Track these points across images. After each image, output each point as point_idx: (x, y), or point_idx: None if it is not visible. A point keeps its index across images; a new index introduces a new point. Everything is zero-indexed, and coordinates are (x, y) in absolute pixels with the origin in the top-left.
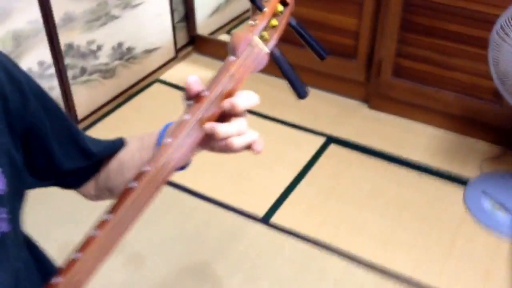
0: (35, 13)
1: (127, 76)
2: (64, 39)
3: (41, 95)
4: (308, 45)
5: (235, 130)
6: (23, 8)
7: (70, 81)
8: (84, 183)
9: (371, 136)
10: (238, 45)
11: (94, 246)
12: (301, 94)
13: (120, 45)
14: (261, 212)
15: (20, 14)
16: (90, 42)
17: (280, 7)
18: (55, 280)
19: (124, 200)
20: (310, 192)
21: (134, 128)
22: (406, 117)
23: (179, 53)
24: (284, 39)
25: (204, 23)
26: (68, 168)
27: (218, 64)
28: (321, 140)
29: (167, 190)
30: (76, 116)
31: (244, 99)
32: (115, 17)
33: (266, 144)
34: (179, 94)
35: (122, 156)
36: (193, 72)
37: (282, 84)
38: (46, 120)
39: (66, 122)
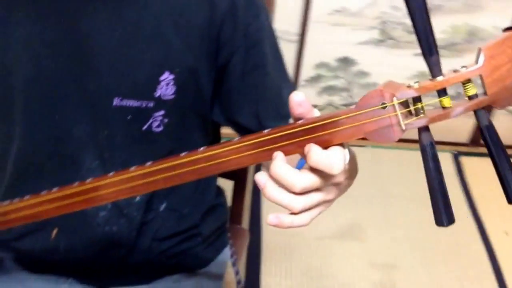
0: None
1: None
2: None
3: (254, 47)
4: (496, 171)
5: (282, 178)
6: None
7: None
8: None
9: None
10: (368, 95)
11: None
12: (437, 219)
13: None
14: None
15: (490, 12)
16: None
17: (473, 90)
18: None
19: (167, 160)
20: None
21: None
22: None
23: None
24: None
25: None
26: (238, 121)
27: None
28: None
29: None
30: None
31: (326, 155)
32: None
33: None
34: None
35: None
36: None
37: None
38: (241, 68)
39: (259, 80)
